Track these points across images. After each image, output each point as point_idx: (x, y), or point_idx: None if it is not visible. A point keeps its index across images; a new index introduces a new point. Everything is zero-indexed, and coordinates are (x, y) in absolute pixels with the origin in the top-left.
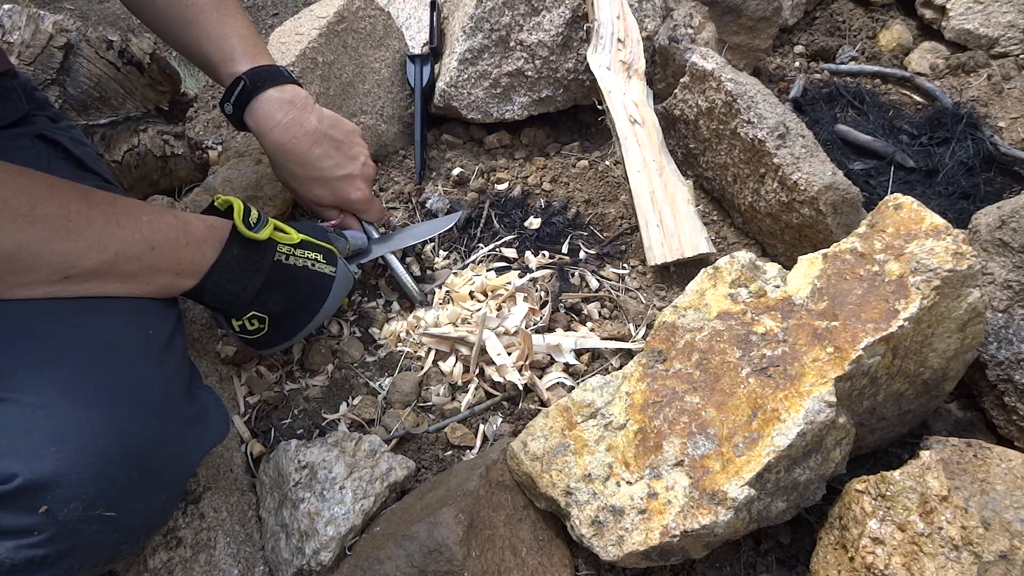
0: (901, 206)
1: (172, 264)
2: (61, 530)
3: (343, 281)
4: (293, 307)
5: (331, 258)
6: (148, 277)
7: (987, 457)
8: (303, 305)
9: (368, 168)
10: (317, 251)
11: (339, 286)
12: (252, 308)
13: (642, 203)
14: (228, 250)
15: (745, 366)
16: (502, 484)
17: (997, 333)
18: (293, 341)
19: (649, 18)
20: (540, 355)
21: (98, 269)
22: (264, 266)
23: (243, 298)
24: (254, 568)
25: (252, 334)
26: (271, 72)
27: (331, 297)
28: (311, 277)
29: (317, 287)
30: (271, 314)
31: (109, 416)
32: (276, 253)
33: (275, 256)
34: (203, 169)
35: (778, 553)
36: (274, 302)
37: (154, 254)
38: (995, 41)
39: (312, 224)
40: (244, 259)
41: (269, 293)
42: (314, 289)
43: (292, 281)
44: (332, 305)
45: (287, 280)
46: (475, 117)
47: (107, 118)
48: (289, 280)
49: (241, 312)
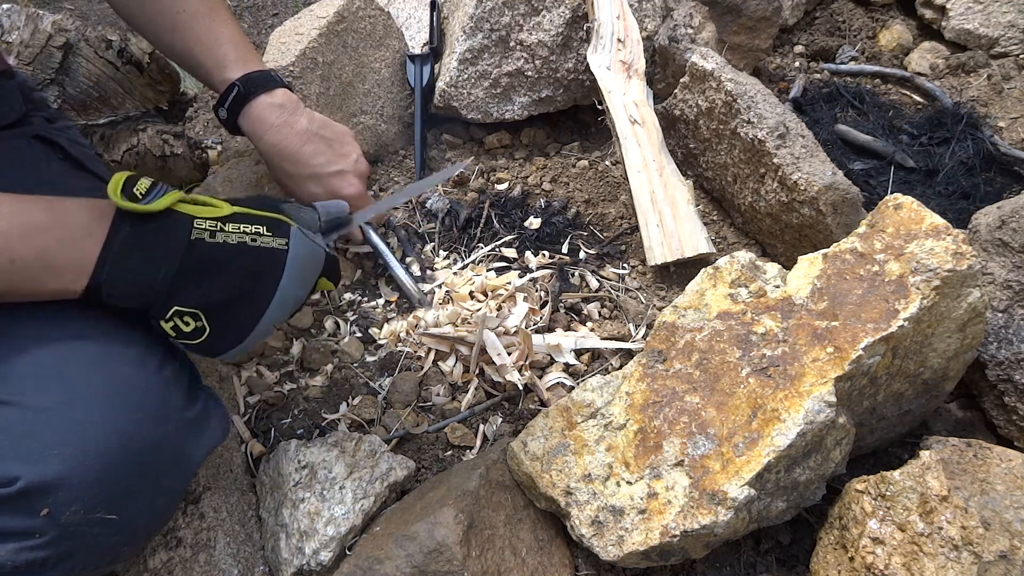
0: (901, 206)
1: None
2: (62, 532)
3: (305, 256)
4: (234, 296)
5: (279, 229)
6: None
7: (987, 457)
8: (248, 292)
9: (361, 165)
10: (257, 222)
11: (299, 262)
12: (174, 303)
13: (642, 203)
14: (116, 233)
15: (745, 366)
16: (502, 484)
17: (997, 333)
18: (251, 339)
19: (649, 18)
20: (540, 355)
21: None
22: (175, 246)
23: (156, 291)
24: (254, 568)
25: (192, 336)
26: (263, 78)
27: (287, 277)
28: (251, 254)
29: (264, 267)
30: (205, 308)
31: (110, 419)
32: (194, 231)
33: (192, 234)
34: (203, 169)
35: (778, 553)
36: (203, 292)
37: (15, 267)
38: (995, 41)
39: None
40: (141, 242)
41: (193, 281)
42: (259, 269)
43: (224, 263)
44: (295, 287)
45: (216, 262)
46: (475, 117)
47: (106, 118)
48: (219, 262)
49: (162, 310)
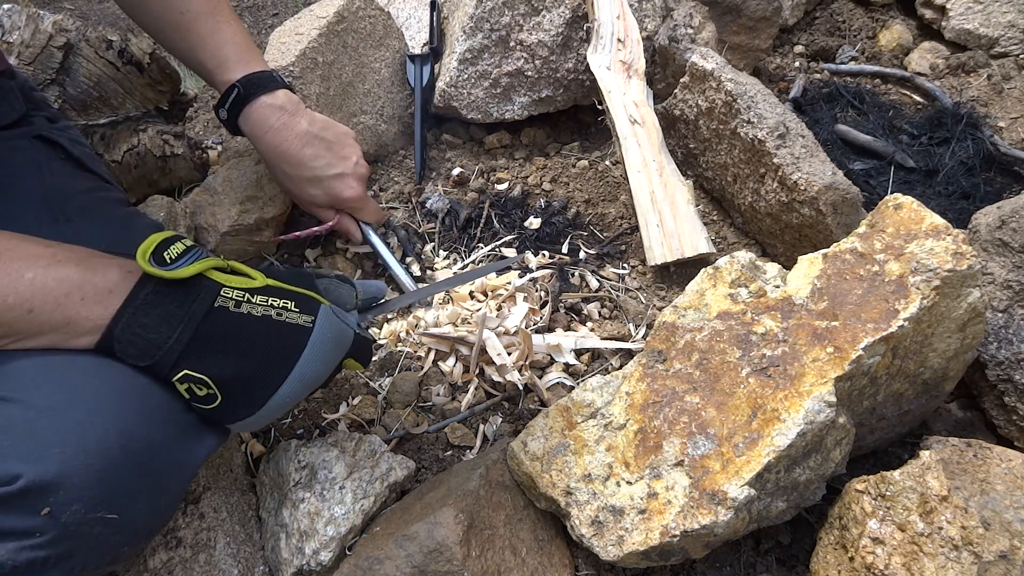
0: (901, 206)
1: (58, 324)
2: (63, 532)
3: (330, 335)
4: (248, 369)
5: (308, 306)
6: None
7: (987, 457)
8: (265, 367)
9: (361, 167)
10: (287, 297)
11: (322, 341)
12: (182, 367)
13: (642, 203)
14: (138, 291)
15: (745, 366)
16: (502, 484)
17: (997, 333)
18: (264, 413)
19: (649, 18)
20: (540, 355)
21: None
22: (193, 312)
23: (165, 351)
24: (254, 568)
25: (205, 402)
26: (263, 78)
27: (307, 355)
28: (273, 329)
29: (284, 343)
30: (217, 378)
31: (112, 419)
32: (218, 298)
33: (215, 301)
34: (203, 169)
35: (778, 553)
36: (216, 361)
37: (32, 318)
38: (995, 41)
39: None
40: (161, 302)
41: (209, 349)
42: (279, 345)
43: (244, 335)
44: (314, 366)
45: (235, 333)
46: (475, 117)
47: (107, 118)
48: (238, 333)
49: (168, 370)
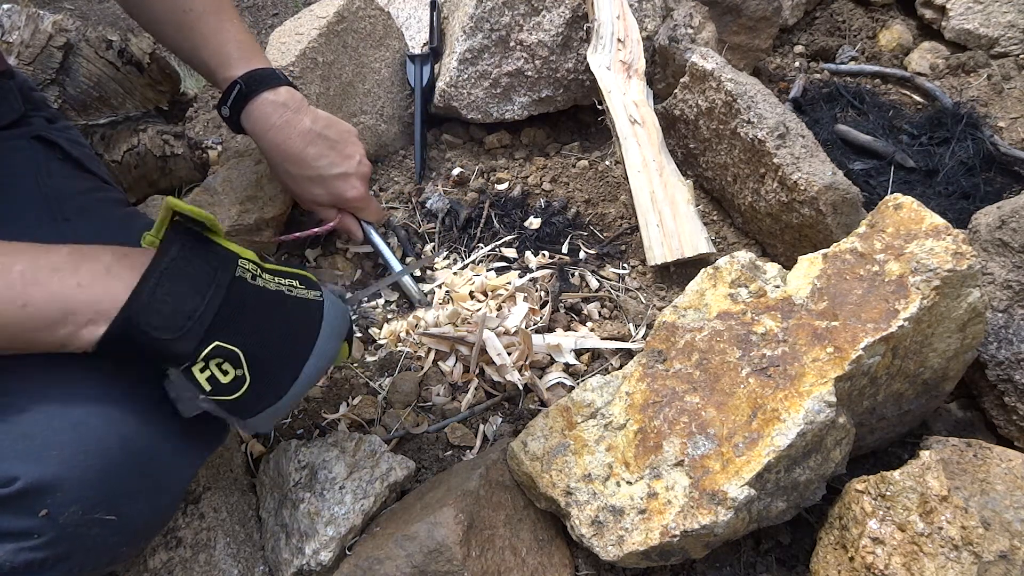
0: (901, 206)
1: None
2: (61, 533)
3: (336, 312)
4: (276, 343)
5: (310, 284)
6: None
7: (987, 457)
8: (290, 341)
9: (363, 167)
10: (290, 277)
11: (332, 318)
12: (214, 338)
13: (642, 203)
14: (166, 252)
15: (745, 366)
16: (502, 484)
17: (997, 333)
18: (288, 399)
19: (649, 18)
20: (540, 355)
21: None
22: (220, 279)
23: (196, 319)
24: (254, 568)
25: (230, 390)
26: (266, 75)
27: (325, 331)
28: (290, 304)
29: (302, 317)
30: (248, 350)
31: (110, 420)
32: (238, 268)
33: (236, 271)
34: (203, 169)
35: (778, 553)
36: (247, 331)
37: (27, 312)
38: (995, 41)
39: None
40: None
41: (239, 320)
42: (298, 320)
43: (264, 308)
44: (329, 343)
45: (257, 306)
46: (475, 117)
47: (106, 118)
48: (259, 307)
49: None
